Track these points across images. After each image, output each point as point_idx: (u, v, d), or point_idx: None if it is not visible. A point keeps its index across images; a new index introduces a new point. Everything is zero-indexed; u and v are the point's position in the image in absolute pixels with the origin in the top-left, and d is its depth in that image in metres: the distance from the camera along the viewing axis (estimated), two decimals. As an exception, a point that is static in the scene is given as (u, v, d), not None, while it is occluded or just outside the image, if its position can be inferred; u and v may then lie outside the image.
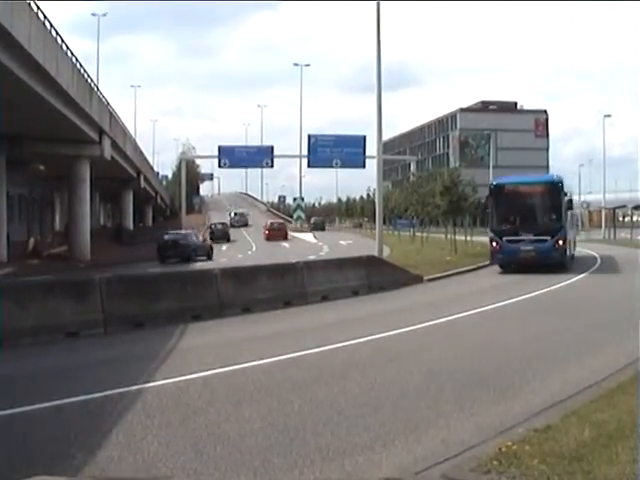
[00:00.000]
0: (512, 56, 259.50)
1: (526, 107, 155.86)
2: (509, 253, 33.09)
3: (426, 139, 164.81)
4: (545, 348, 14.38)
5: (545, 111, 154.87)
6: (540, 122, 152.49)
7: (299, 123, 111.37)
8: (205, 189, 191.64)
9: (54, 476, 3.88)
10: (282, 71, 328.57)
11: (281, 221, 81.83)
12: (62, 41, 34.92)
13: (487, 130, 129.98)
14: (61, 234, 62.81)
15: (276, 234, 77.84)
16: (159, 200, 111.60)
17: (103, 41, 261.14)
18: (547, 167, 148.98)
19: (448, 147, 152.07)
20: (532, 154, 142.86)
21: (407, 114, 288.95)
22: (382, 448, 8.08)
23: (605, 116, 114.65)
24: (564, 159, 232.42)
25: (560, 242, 32.61)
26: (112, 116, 52.13)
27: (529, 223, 33.79)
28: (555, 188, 33.59)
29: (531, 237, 32.72)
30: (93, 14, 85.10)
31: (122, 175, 68.67)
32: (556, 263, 32.24)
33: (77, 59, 38.71)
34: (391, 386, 11.24)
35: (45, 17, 31.31)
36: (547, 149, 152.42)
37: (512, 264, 33.24)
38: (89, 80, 42.73)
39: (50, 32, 32.33)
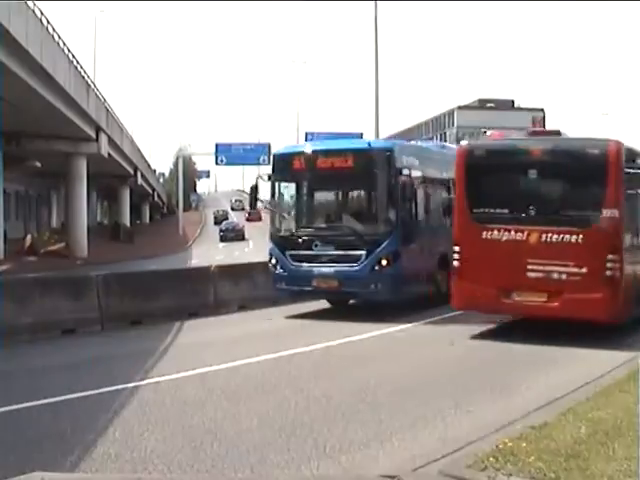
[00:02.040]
0: (510, 54, 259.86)
1: (523, 105, 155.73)
2: (297, 280, 19.33)
3: (423, 137, 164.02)
4: (538, 346, 14.37)
5: (542, 109, 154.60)
6: (537, 120, 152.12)
7: (296, 120, 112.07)
8: (202, 186, 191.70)
9: (51, 472, 3.87)
10: (279, 68, 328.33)
11: (256, 210, 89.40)
12: (59, 38, 34.89)
13: (484, 128, 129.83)
14: (58, 231, 62.79)
15: (253, 217, 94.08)
16: (156, 197, 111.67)
17: (101, 37, 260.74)
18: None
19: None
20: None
21: (404, 112, 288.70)
22: (379, 445, 8.09)
23: (603, 114, 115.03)
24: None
25: (385, 262, 18.20)
26: (109, 113, 52.11)
27: (329, 227, 20.05)
28: (378, 161, 18.67)
29: (331, 252, 18.88)
30: (90, 11, 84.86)
31: (119, 172, 68.68)
32: (388, 302, 19.25)
33: (74, 56, 38.70)
34: (389, 383, 11.24)
35: (42, 14, 31.29)
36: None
37: (302, 296, 20.70)
38: (86, 77, 42.70)
39: (47, 29, 32.29)
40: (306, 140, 71.61)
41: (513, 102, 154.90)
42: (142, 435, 8.49)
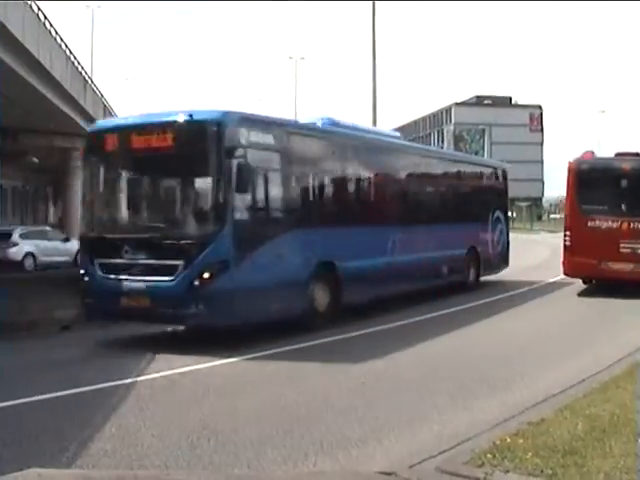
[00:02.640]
0: (507, 50, 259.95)
1: (521, 102, 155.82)
2: (105, 297, 14.80)
3: (420, 133, 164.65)
4: (537, 342, 14.40)
5: (540, 106, 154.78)
6: (535, 117, 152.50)
7: (294, 116, 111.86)
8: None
9: (47, 469, 3.86)
10: (277, 64, 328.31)
11: None
12: (56, 33, 34.84)
13: (482, 124, 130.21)
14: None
15: None
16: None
17: (98, 32, 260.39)
18: (542, 161, 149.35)
19: (443, 141, 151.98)
20: (526, 148, 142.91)
21: (402, 108, 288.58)
22: (376, 441, 8.10)
23: (600, 111, 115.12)
24: (559, 154, 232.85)
25: (208, 274, 13.86)
26: (106, 108, 52.02)
27: (140, 227, 15.57)
28: (202, 138, 14.46)
29: (142, 261, 14.52)
30: (87, 6, 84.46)
31: (117, 168, 68.56)
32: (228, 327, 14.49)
33: (71, 52, 38.64)
34: (385, 379, 11.25)
35: (39, 9, 31.23)
36: (542, 144, 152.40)
37: (113, 319, 15.97)
38: (83, 73, 42.64)
39: (44, 24, 32.23)
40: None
41: (510, 99, 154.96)
42: (138, 431, 8.49)
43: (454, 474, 6.58)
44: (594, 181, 22.51)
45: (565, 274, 23.40)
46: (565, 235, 22.85)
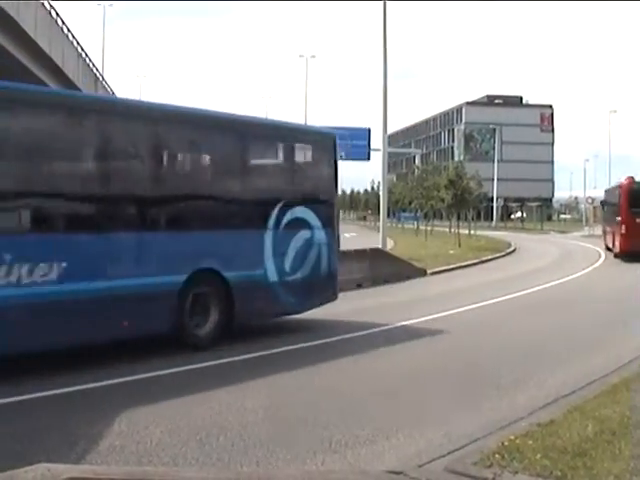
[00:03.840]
0: (518, 50, 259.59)
1: (531, 102, 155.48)
2: None
3: (431, 132, 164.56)
4: (547, 343, 14.42)
5: (551, 106, 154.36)
6: (545, 116, 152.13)
7: (304, 115, 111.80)
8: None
9: (56, 464, 3.86)
10: (287, 62, 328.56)
11: None
12: (68, 30, 34.91)
13: (492, 124, 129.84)
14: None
15: None
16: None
17: (109, 29, 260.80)
18: (552, 162, 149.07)
19: (453, 141, 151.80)
20: (537, 148, 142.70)
21: (413, 107, 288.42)
22: (385, 440, 8.10)
23: (611, 112, 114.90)
24: (570, 154, 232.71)
25: None
26: (117, 106, 52.14)
27: None
28: None
29: None
30: (98, 4, 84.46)
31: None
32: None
33: (83, 49, 38.73)
34: (394, 378, 11.25)
35: (51, 7, 31.31)
36: (552, 144, 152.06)
37: None
38: (94, 69, 42.72)
39: (56, 21, 32.32)
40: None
41: (521, 98, 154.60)
42: (147, 428, 8.50)
43: (463, 474, 6.50)
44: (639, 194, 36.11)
45: (621, 251, 36.17)
46: (621, 227, 35.72)
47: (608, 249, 40.60)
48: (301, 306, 16.06)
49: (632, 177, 38.32)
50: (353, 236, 63.44)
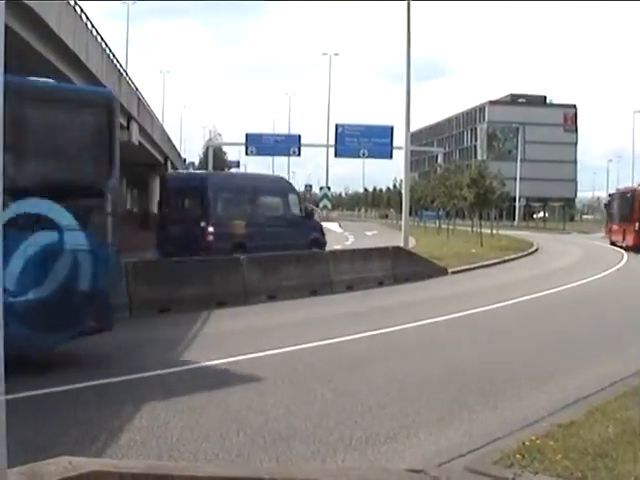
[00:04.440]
0: (542, 49, 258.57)
1: (555, 101, 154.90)
2: None
3: (454, 131, 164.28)
4: (569, 343, 14.39)
5: (574, 105, 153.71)
6: (569, 116, 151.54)
7: (327, 112, 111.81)
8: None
9: (78, 457, 3.89)
10: (311, 60, 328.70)
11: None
12: (92, 26, 34.97)
13: (515, 123, 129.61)
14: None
15: None
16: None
17: (134, 26, 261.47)
18: (575, 162, 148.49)
19: (476, 140, 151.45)
20: (560, 148, 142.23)
21: (436, 105, 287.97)
22: (405, 438, 8.10)
23: (635, 112, 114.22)
24: (593, 154, 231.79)
25: None
26: (140, 101, 52.18)
27: None
28: None
29: None
30: (123, 3, 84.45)
31: (149, 161, 68.68)
32: None
33: (106, 44, 38.77)
34: (414, 377, 11.24)
35: (75, 2, 31.36)
36: (576, 144, 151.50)
37: None
38: (118, 65, 42.79)
39: (80, 17, 32.37)
40: (336, 132, 71.53)
41: (545, 98, 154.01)
42: (168, 423, 8.53)
43: (483, 474, 6.55)
44: None
45: (634, 244, 43.12)
46: (635, 225, 42.90)
47: (613, 244, 49.78)
48: (29, 342, 10.50)
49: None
50: (375, 234, 63.60)
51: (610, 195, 60.84)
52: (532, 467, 6.64)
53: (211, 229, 26.24)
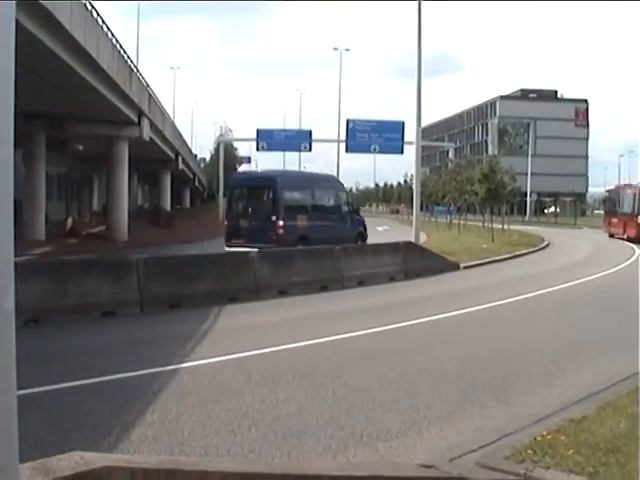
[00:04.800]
0: (553, 44, 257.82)
1: (566, 96, 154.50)
2: None
3: (465, 126, 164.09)
4: (581, 338, 14.36)
5: (585, 100, 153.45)
6: (580, 111, 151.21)
7: (337, 108, 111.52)
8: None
9: (89, 452, 3.90)
10: (322, 55, 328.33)
11: None
12: (103, 22, 35.02)
13: (526, 118, 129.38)
14: (99, 214, 63.19)
15: None
16: (197, 182, 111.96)
17: (145, 23, 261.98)
18: (587, 156, 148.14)
19: (487, 135, 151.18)
20: (572, 143, 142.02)
21: (446, 101, 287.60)
22: (416, 434, 8.10)
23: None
24: (604, 149, 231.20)
25: None
26: (151, 98, 52.24)
27: None
28: None
29: None
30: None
31: (160, 156, 68.85)
32: None
33: (117, 40, 38.81)
34: (425, 372, 11.23)
35: (86, -1, 31.42)
36: (587, 139, 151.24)
37: None
38: (129, 62, 42.82)
39: (91, 13, 32.42)
40: (347, 127, 71.46)
41: (556, 92, 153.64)
42: (179, 418, 8.54)
43: (494, 469, 6.56)
44: None
45: (635, 236, 47.68)
46: (637, 218, 48.22)
47: (611, 236, 54.98)
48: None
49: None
50: (386, 229, 63.48)
51: (608, 191, 66.52)
52: (543, 462, 6.64)
53: (281, 223, 29.44)
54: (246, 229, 30.12)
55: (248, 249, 25.12)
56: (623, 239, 49.90)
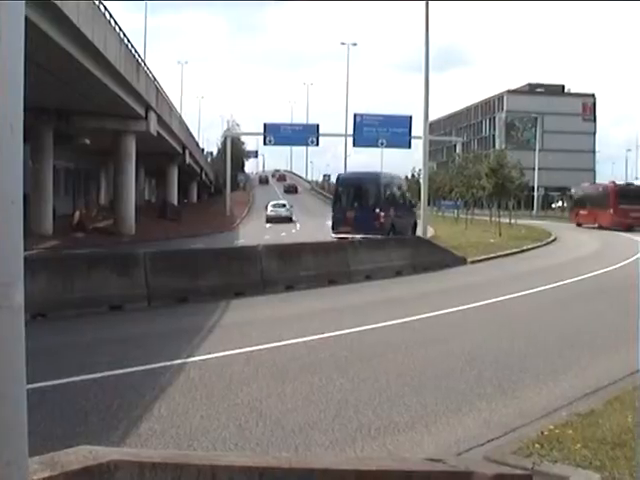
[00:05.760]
0: (561, 38, 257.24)
1: (573, 90, 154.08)
2: None
3: (472, 121, 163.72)
4: (588, 332, 14.34)
5: (593, 95, 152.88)
6: (587, 106, 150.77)
7: (345, 102, 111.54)
8: (250, 167, 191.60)
9: (97, 446, 3.91)
10: (329, 50, 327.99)
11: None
12: (110, 16, 35.04)
13: (534, 113, 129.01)
14: (106, 208, 63.29)
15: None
16: (204, 177, 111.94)
17: (152, 17, 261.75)
18: (594, 151, 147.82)
19: (494, 129, 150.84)
20: (579, 138, 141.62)
21: (454, 95, 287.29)
22: (424, 428, 8.10)
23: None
24: (612, 144, 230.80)
25: None
26: (158, 92, 52.27)
27: None
28: None
29: None
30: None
31: (167, 150, 68.90)
32: None
33: (125, 34, 38.83)
34: (432, 367, 11.23)
35: (93, -9, 31.42)
36: (594, 133, 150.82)
37: None
38: (136, 56, 42.84)
39: (98, 7, 32.44)
40: (354, 121, 71.40)
41: (563, 87, 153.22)
42: (187, 412, 8.56)
43: (502, 463, 6.56)
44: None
45: (609, 224, 56.89)
46: (609, 210, 57.68)
47: (579, 225, 65.12)
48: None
49: (614, 181, 64.65)
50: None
51: (575, 189, 76.92)
52: (551, 456, 6.64)
53: (382, 214, 36.49)
54: (352, 219, 36.36)
55: (351, 235, 32.25)
56: (594, 227, 60.17)
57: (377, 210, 36.51)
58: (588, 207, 65.40)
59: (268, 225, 66.49)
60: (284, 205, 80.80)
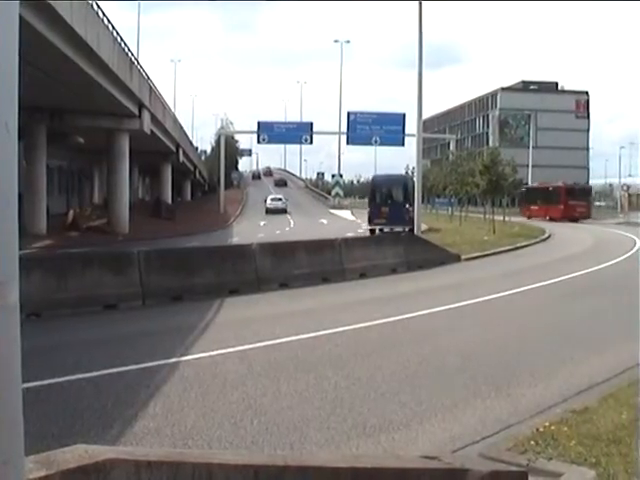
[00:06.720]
0: (554, 36, 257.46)
1: (567, 88, 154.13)
2: None
3: (466, 118, 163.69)
4: (583, 329, 14.36)
5: (586, 92, 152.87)
6: (581, 103, 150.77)
7: (339, 100, 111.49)
8: (244, 165, 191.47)
9: (93, 445, 3.90)
10: (322, 47, 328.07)
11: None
12: (103, 15, 35.00)
13: (527, 110, 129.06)
14: (100, 207, 63.15)
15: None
16: (197, 175, 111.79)
17: (146, 15, 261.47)
18: (587, 148, 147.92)
19: (488, 126, 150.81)
20: (572, 135, 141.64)
21: (447, 92, 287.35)
22: (419, 425, 8.11)
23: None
24: (605, 141, 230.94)
25: None
26: (152, 90, 52.19)
27: None
28: None
29: None
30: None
31: (161, 149, 68.79)
32: None
33: (118, 33, 38.79)
34: (427, 364, 11.25)
35: (87, -9, 31.38)
36: (588, 130, 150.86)
37: None
38: (129, 54, 42.78)
39: (92, 6, 32.40)
40: (348, 119, 71.44)
41: (557, 84, 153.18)
42: (182, 410, 8.56)
43: (497, 460, 6.56)
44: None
45: (560, 217, 68.39)
46: (560, 206, 69.90)
47: (529, 218, 71.96)
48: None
49: (564, 182, 75.21)
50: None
51: (527, 188, 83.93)
52: (546, 453, 6.66)
53: (410, 208, 41.12)
54: (386, 213, 44.24)
55: (385, 227, 44.29)
56: (545, 220, 67.93)
57: (407, 206, 43.14)
58: (539, 203, 77.30)
59: (262, 223, 66.47)
60: (280, 199, 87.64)
